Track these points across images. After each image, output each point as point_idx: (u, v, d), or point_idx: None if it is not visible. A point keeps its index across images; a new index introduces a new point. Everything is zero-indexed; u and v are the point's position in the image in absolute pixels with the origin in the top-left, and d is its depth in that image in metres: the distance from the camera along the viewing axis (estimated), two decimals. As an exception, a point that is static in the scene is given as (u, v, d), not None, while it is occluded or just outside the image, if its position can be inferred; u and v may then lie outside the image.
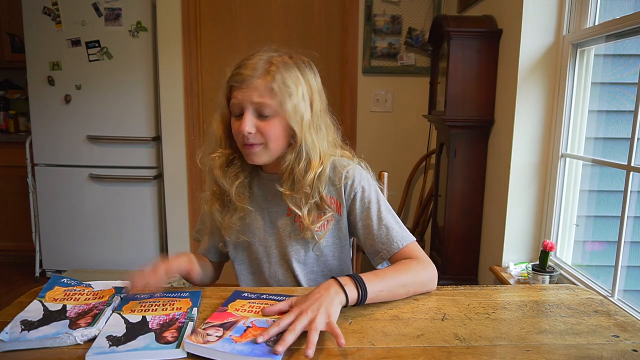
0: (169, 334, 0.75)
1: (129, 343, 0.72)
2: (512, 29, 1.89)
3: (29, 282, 2.98)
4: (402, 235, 1.00)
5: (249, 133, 0.95)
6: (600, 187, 1.80)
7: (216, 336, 0.72)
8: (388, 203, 1.06)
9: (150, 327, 0.77)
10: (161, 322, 0.79)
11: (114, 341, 0.73)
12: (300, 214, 1.00)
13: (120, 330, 0.76)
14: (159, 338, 0.74)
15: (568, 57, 1.75)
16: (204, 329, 0.74)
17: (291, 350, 0.71)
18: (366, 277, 0.86)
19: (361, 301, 0.84)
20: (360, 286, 0.84)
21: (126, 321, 0.79)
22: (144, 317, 0.80)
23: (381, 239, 1.00)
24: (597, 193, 1.81)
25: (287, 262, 1.08)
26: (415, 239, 1.01)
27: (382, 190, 1.12)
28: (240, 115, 0.97)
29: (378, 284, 0.87)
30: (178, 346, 0.71)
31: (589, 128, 1.77)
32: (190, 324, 0.78)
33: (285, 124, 0.97)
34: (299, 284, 1.08)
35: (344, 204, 1.05)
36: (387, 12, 2.88)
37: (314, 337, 0.70)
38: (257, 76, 0.94)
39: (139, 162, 2.96)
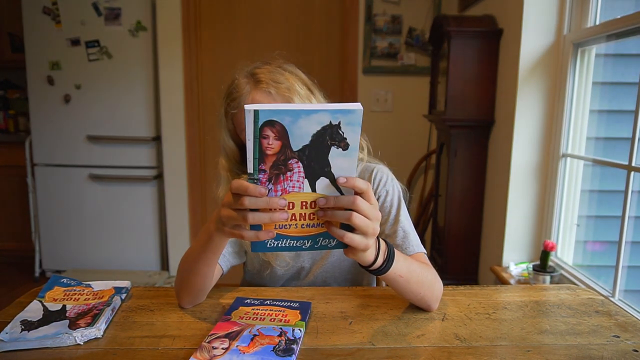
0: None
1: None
2: (512, 28, 1.88)
3: (28, 282, 2.98)
4: (417, 243, 0.98)
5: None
6: (601, 187, 1.80)
7: (222, 348, 0.70)
8: (407, 211, 1.04)
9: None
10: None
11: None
12: None
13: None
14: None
15: (569, 56, 1.75)
16: (208, 342, 0.72)
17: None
18: (398, 255, 0.81)
19: (379, 271, 0.78)
20: (389, 259, 0.78)
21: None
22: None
23: (397, 240, 0.97)
24: (598, 193, 1.81)
25: (300, 257, 1.07)
26: (426, 252, 0.99)
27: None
28: None
29: (403, 267, 0.81)
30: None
31: (589, 128, 1.77)
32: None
33: None
34: (306, 275, 1.08)
35: None
36: (387, 12, 2.88)
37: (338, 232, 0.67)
38: (250, 90, 0.94)
39: (139, 162, 2.96)
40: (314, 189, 0.66)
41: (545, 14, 1.78)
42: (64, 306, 0.84)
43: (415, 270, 0.84)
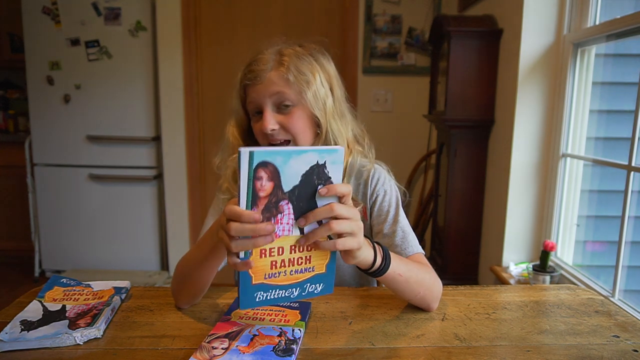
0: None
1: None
2: (512, 28, 1.88)
3: (28, 282, 2.97)
4: (415, 243, 0.97)
5: (273, 130, 0.90)
6: (600, 187, 1.80)
7: (222, 349, 0.71)
8: (404, 213, 1.03)
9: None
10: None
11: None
12: None
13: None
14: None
15: (569, 56, 1.75)
16: (208, 342, 0.72)
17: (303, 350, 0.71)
18: (393, 255, 0.81)
19: (380, 271, 0.77)
20: (386, 258, 0.78)
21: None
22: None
23: (396, 240, 0.96)
24: (598, 193, 1.81)
25: None
26: (424, 252, 0.98)
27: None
28: (260, 114, 0.92)
29: (401, 266, 0.81)
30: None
31: (589, 128, 1.77)
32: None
33: (308, 114, 0.92)
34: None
35: (368, 206, 1.02)
36: (387, 12, 2.88)
37: (320, 232, 0.67)
38: (270, 69, 0.91)
39: (139, 162, 2.95)
40: (302, 231, 0.68)
41: (545, 14, 1.78)
42: (64, 306, 0.84)
43: (413, 269, 0.84)
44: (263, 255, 0.66)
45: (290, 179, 0.64)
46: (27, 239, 3.12)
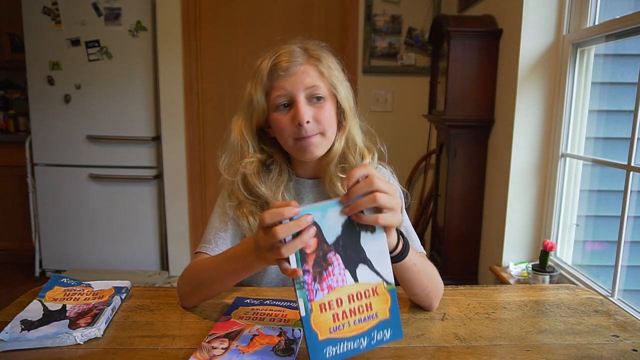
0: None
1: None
2: (512, 28, 1.89)
3: (28, 282, 2.97)
4: (418, 244, 0.97)
5: (308, 122, 0.88)
6: (600, 187, 1.80)
7: (222, 348, 0.71)
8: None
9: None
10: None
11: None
12: None
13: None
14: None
15: (568, 56, 1.75)
16: (208, 342, 0.72)
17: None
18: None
19: (400, 256, 0.76)
20: (406, 244, 0.78)
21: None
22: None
23: None
24: (597, 193, 1.81)
25: None
26: (425, 252, 0.98)
27: None
28: (285, 107, 0.90)
29: (416, 257, 0.81)
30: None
31: (589, 128, 1.77)
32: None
33: (335, 109, 0.93)
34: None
35: None
36: (387, 12, 2.88)
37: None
38: (303, 62, 0.90)
39: (139, 162, 2.96)
40: (356, 279, 0.67)
41: (545, 14, 1.78)
42: (64, 306, 0.84)
43: (424, 262, 0.84)
44: (323, 310, 0.65)
45: (332, 231, 0.65)
46: (27, 239, 3.12)
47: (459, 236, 2.18)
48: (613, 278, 1.49)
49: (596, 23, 1.67)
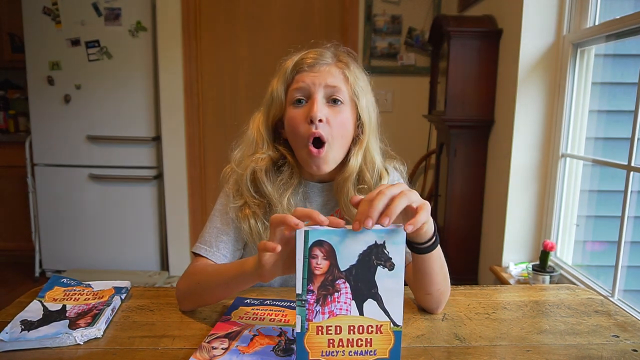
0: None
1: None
2: (512, 28, 1.89)
3: (28, 282, 2.97)
4: None
5: (320, 120, 0.85)
6: (600, 187, 1.80)
7: (222, 349, 0.70)
8: None
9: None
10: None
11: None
12: None
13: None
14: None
15: (568, 57, 1.75)
16: (208, 342, 0.72)
17: None
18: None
19: (431, 245, 0.75)
20: (436, 234, 0.77)
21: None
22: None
23: None
24: (598, 193, 1.81)
25: None
26: None
27: None
28: (301, 102, 0.88)
29: (441, 252, 0.80)
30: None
31: (589, 128, 1.77)
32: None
33: (352, 119, 0.90)
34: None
35: None
36: (387, 12, 2.88)
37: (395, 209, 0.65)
38: (329, 63, 0.89)
39: (139, 162, 2.96)
40: (361, 312, 0.65)
41: (545, 14, 1.78)
42: (64, 306, 0.84)
43: (444, 262, 0.82)
44: (320, 332, 0.65)
45: (347, 258, 0.64)
46: (27, 239, 3.12)
47: (459, 236, 2.18)
48: (613, 278, 1.49)
49: (596, 23, 1.67)
